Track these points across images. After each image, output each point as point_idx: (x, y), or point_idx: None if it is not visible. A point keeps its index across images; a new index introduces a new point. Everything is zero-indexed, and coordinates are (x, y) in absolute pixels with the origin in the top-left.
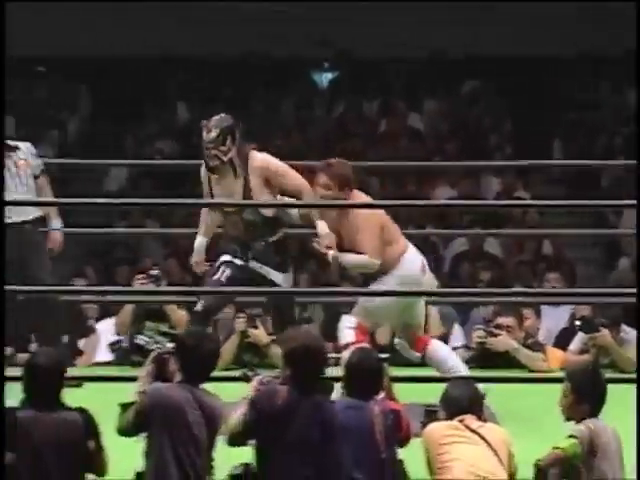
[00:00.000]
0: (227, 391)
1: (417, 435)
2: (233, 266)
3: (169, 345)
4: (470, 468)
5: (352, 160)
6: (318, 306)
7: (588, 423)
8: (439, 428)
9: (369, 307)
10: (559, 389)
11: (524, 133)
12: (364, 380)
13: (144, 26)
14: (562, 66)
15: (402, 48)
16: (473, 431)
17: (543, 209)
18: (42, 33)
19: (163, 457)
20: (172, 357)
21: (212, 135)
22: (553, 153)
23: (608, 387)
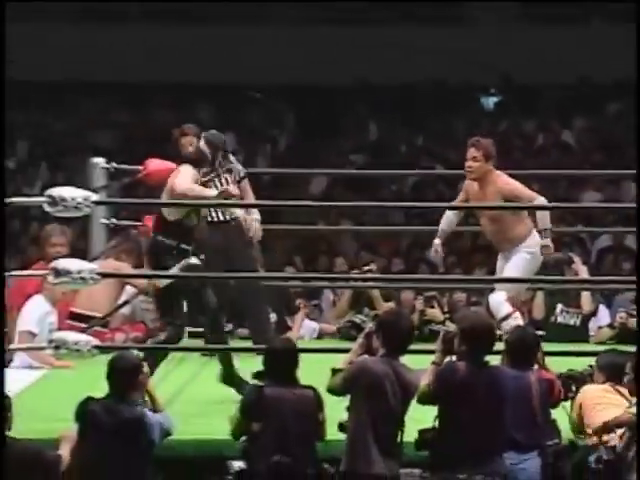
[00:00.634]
0: None
1: None
2: None
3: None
4: None
5: (514, 169)
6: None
7: None
8: (596, 390)
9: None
10: None
11: None
12: (523, 354)
13: (339, 58)
14: None
15: (554, 74)
16: (623, 395)
17: None
18: (257, 63)
19: (360, 420)
20: (375, 334)
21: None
22: None
23: None
